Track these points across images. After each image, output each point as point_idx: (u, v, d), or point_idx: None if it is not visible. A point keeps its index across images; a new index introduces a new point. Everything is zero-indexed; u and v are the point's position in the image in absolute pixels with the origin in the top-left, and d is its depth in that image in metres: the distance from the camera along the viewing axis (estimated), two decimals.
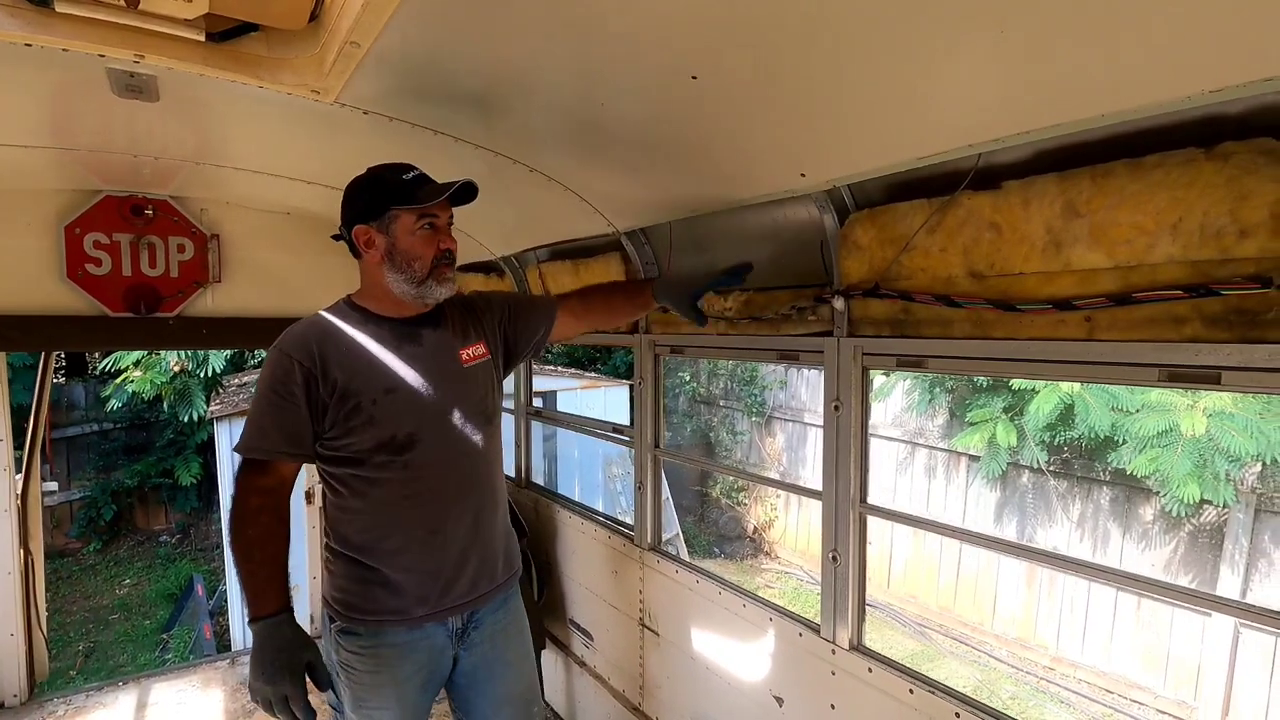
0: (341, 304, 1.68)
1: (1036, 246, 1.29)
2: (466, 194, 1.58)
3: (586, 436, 7.47)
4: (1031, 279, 1.32)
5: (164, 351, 8.74)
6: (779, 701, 1.96)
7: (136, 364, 8.95)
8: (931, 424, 8.63)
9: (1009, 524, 7.92)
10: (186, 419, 9.50)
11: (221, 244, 3.13)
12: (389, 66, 1.44)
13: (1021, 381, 6.84)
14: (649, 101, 1.47)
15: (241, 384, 9.49)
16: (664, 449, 2.53)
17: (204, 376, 9.20)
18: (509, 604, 1.81)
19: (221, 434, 7.99)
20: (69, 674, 7.70)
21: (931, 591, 8.34)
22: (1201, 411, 5.74)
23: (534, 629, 2.51)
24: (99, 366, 9.78)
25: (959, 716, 1.48)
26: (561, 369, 9.93)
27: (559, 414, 4.12)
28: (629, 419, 7.20)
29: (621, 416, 8.68)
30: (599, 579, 2.79)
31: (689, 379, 11.64)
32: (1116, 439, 6.40)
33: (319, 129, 1.93)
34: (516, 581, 1.84)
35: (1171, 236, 1.11)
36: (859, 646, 1.75)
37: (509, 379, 2.29)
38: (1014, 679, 7.05)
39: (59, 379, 11.10)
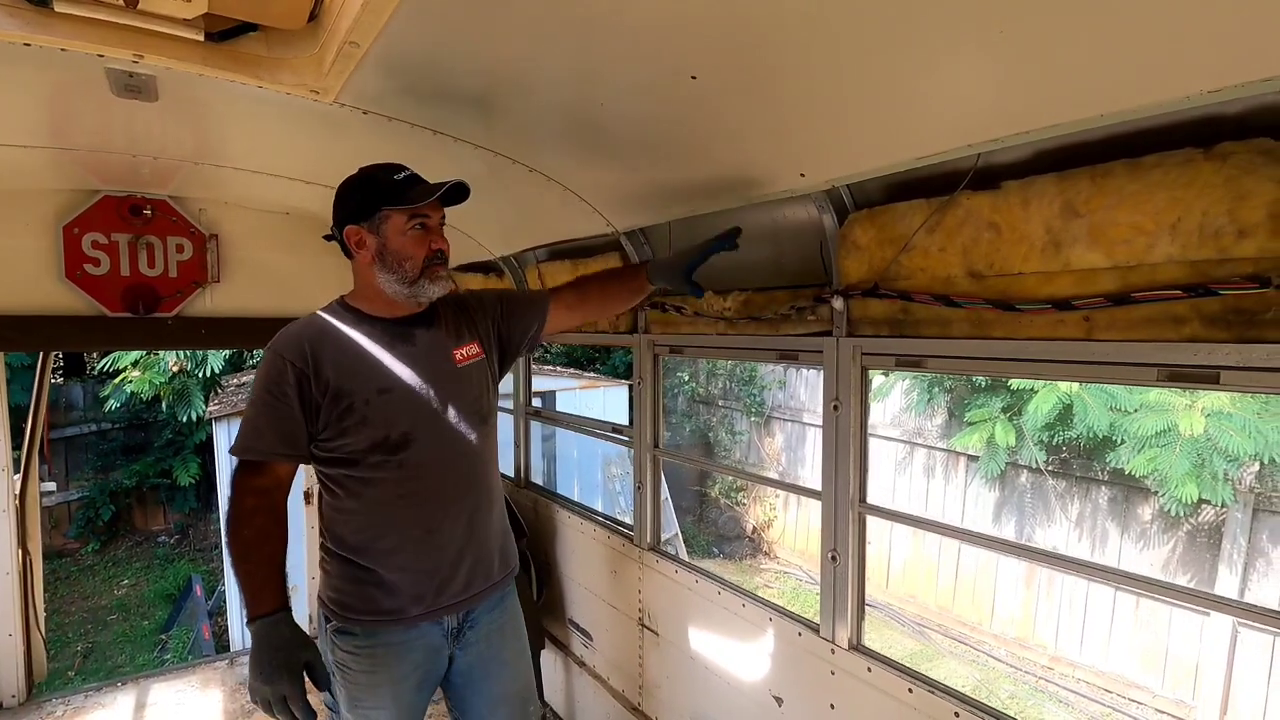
0: (335, 304, 1.68)
1: (1035, 246, 1.29)
2: (458, 194, 1.57)
3: (586, 436, 7.48)
4: (1030, 279, 1.32)
5: (162, 351, 8.73)
6: (778, 701, 1.96)
7: (135, 364, 8.92)
8: (930, 424, 8.64)
9: (1008, 524, 7.93)
10: (185, 419, 9.49)
11: (220, 244, 3.13)
12: (388, 66, 1.44)
13: (1020, 381, 6.84)
14: (648, 101, 1.47)
15: (240, 384, 9.47)
16: (663, 449, 2.53)
17: (202, 377, 9.17)
18: (505, 603, 1.81)
19: (220, 434, 8.00)
20: (67, 674, 7.68)
21: (930, 591, 8.35)
22: (1200, 411, 5.75)
23: (533, 629, 2.51)
24: (97, 366, 9.76)
25: (958, 716, 1.48)
26: (561, 369, 9.92)
27: (558, 414, 4.12)
28: (628, 419, 7.22)
29: (621, 416, 8.68)
30: (598, 579, 2.79)
31: (688, 379, 11.63)
32: (1115, 439, 6.41)
33: (318, 129, 1.93)
34: (513, 580, 1.84)
35: (1170, 236, 1.11)
36: (858, 646, 1.75)
37: (507, 378, 2.28)
38: (1013, 678, 7.05)
39: (57, 379, 11.07)
